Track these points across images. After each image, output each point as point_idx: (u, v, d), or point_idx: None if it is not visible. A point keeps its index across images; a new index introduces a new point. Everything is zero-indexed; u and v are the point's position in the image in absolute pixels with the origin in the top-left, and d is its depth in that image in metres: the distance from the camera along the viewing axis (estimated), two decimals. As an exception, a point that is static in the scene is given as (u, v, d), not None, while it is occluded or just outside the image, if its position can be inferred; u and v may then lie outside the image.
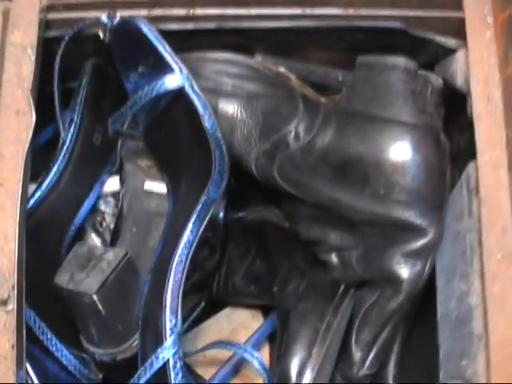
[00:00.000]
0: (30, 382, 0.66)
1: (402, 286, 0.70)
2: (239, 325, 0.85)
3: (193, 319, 0.79)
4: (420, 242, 0.69)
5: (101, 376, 0.75)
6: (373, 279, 0.72)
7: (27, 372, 0.66)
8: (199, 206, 0.70)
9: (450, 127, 0.74)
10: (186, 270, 0.68)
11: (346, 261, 0.74)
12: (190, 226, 0.69)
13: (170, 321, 0.67)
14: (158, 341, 0.67)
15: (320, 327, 0.70)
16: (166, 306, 0.67)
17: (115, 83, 0.79)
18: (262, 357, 0.71)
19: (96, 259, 0.70)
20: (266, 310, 0.85)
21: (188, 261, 0.69)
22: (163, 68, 0.69)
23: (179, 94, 0.70)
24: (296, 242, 0.78)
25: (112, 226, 0.83)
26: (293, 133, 0.72)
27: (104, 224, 0.84)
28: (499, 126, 0.70)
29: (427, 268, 0.70)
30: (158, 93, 0.70)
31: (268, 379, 0.70)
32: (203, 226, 0.70)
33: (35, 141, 0.67)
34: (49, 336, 0.70)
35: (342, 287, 0.74)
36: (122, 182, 0.82)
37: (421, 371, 0.74)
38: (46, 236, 0.75)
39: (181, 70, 0.69)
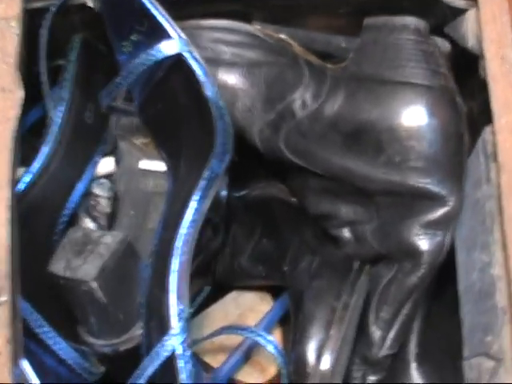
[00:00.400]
0: (27, 378, 0.62)
1: (422, 259, 0.67)
2: (247, 308, 0.81)
3: (197, 305, 0.77)
4: (440, 212, 0.66)
5: (103, 369, 0.72)
6: (390, 253, 0.69)
7: (24, 368, 0.62)
8: (202, 182, 0.66)
9: (461, 92, 0.71)
10: (192, 251, 0.65)
11: (359, 235, 0.71)
12: (192, 203, 0.66)
13: (176, 306, 0.63)
14: (164, 328, 0.63)
15: (337, 306, 0.67)
16: (170, 290, 0.63)
17: (106, 60, 0.76)
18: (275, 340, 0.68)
19: (93, 243, 0.67)
20: (275, 292, 0.82)
21: (194, 241, 0.65)
22: (159, 34, 0.65)
23: (177, 61, 0.65)
24: (305, 217, 0.75)
25: (107, 210, 0.80)
26: (299, 101, 0.69)
27: (99, 208, 0.80)
28: None
29: (448, 239, 0.67)
30: (154, 60, 0.66)
31: (284, 365, 0.67)
32: (207, 204, 0.67)
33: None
34: (46, 329, 0.67)
35: (357, 263, 0.71)
36: (116, 162, 0.78)
37: (443, 349, 0.72)
38: (37, 222, 0.72)
39: (179, 35, 0.65)
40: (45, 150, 0.72)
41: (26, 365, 0.62)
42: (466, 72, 0.71)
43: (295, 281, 0.71)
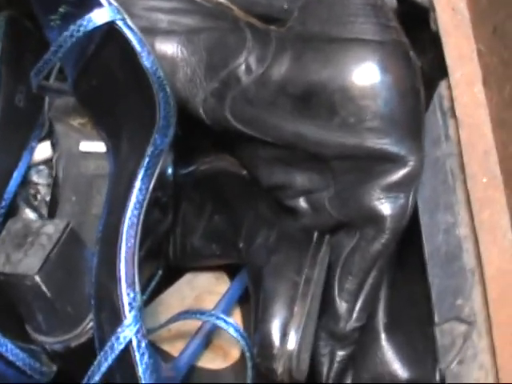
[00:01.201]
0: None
1: (386, 224, 0.64)
2: (203, 290, 0.78)
3: (151, 290, 0.73)
4: (400, 173, 0.64)
5: (55, 368, 0.68)
6: (350, 221, 0.66)
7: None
8: (146, 160, 0.63)
9: (412, 48, 0.68)
10: (139, 234, 0.62)
11: (316, 204, 0.68)
12: (137, 183, 0.63)
13: (128, 294, 0.60)
14: (117, 319, 0.60)
15: (299, 281, 0.64)
16: (120, 279, 0.60)
17: (35, 38, 0.74)
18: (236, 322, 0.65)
19: (33, 235, 0.64)
20: (231, 271, 0.78)
21: (140, 223, 0.62)
22: (88, 3, 0.62)
23: (110, 31, 0.62)
24: (258, 190, 0.72)
25: (48, 198, 0.77)
26: (243, 66, 0.66)
27: (38, 196, 0.78)
28: (468, 39, 0.67)
29: (411, 200, 0.65)
30: (84, 31, 0.62)
31: (247, 347, 0.65)
32: (153, 182, 0.63)
33: None
34: None
35: (316, 234, 0.68)
36: (53, 146, 0.75)
37: (412, 316, 0.70)
38: (-28, 216, 0.69)
39: (109, 3, 0.62)
40: (-26, 139, 0.69)
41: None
42: (415, 26, 0.68)
43: (252, 257, 0.68)
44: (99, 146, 0.72)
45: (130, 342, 0.59)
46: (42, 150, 0.77)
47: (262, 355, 0.62)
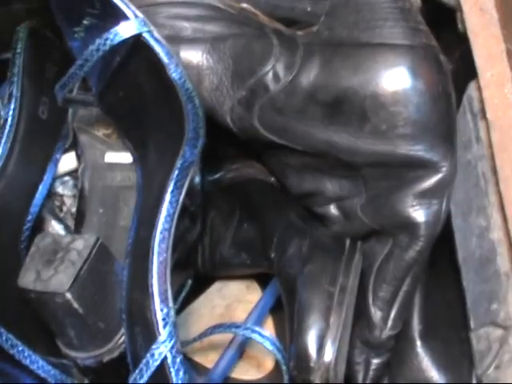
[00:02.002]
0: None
1: (420, 231, 0.63)
2: (234, 299, 0.77)
3: (181, 301, 0.73)
4: (434, 179, 0.63)
5: (87, 382, 0.68)
6: (383, 228, 0.65)
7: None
8: (176, 172, 0.62)
9: None
10: (170, 248, 0.61)
11: (348, 211, 0.67)
12: (167, 196, 0.62)
13: (161, 310, 0.59)
14: (150, 334, 0.59)
15: (334, 291, 0.63)
16: (153, 294, 0.59)
17: (56, 47, 0.73)
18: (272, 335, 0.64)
19: (63, 250, 0.62)
20: (261, 279, 0.77)
21: (171, 236, 0.61)
22: (113, 15, 0.61)
23: (136, 43, 0.61)
24: (287, 197, 0.71)
25: (74, 210, 0.77)
26: (271, 73, 0.65)
27: (64, 208, 0.78)
28: (497, 39, 0.65)
29: (445, 207, 0.63)
30: (111, 44, 0.61)
31: (284, 361, 0.64)
32: (183, 194, 0.62)
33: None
34: (20, 348, 0.63)
35: (348, 242, 0.67)
36: (78, 157, 0.75)
37: (447, 322, 0.70)
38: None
39: (135, 15, 0.61)
40: (-1, 152, 0.68)
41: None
42: (440, 26, 0.67)
43: (285, 267, 0.68)
44: (125, 157, 0.72)
45: (165, 358, 0.58)
46: (67, 162, 0.76)
47: (299, 368, 0.62)
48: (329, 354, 0.61)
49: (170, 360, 0.58)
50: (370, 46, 0.62)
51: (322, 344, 0.61)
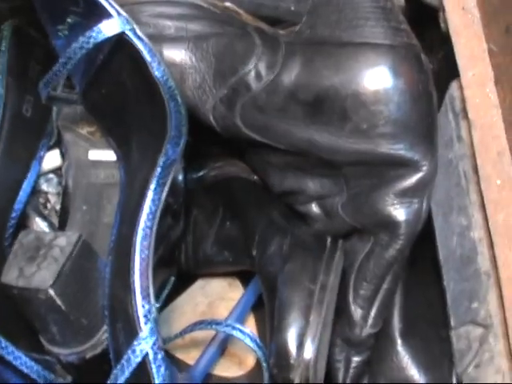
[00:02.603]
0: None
1: (400, 229, 0.64)
2: (216, 297, 0.77)
3: (164, 298, 0.72)
4: (414, 178, 0.63)
5: (69, 379, 0.67)
6: (364, 226, 0.66)
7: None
8: (158, 170, 0.62)
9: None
10: (152, 245, 0.61)
11: (329, 210, 0.67)
12: (150, 194, 0.62)
13: (143, 306, 0.59)
14: (132, 331, 0.59)
15: (314, 289, 0.63)
16: (135, 290, 0.59)
17: (40, 46, 0.73)
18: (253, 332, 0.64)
19: (46, 247, 0.63)
20: (243, 277, 0.77)
21: (154, 234, 0.61)
22: (97, 13, 0.61)
23: (119, 41, 0.61)
24: (269, 195, 0.72)
25: (58, 207, 0.77)
26: (253, 72, 0.65)
27: (48, 205, 0.78)
28: (479, 38, 0.66)
29: (425, 206, 0.64)
30: (95, 42, 0.61)
31: (264, 358, 0.64)
32: (165, 193, 0.62)
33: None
34: (3, 344, 0.63)
35: (329, 240, 0.67)
36: (62, 155, 0.75)
37: (427, 320, 0.70)
38: (-17, 229, 0.68)
39: (118, 13, 0.61)
40: (-17, 151, 0.68)
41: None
42: (422, 26, 0.67)
43: (266, 265, 0.68)
44: (108, 155, 0.72)
45: (147, 354, 0.58)
46: (51, 159, 0.76)
47: (279, 366, 0.62)
48: (308, 352, 0.61)
49: (151, 356, 0.58)
50: (351, 46, 0.62)
51: (302, 342, 0.61)
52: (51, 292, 0.60)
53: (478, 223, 0.65)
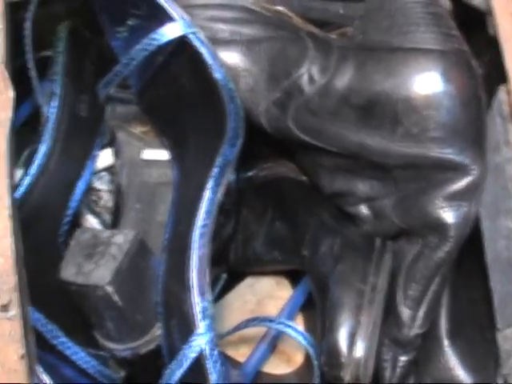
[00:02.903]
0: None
1: (449, 232, 0.64)
2: (265, 295, 0.78)
3: (215, 295, 0.74)
4: (463, 182, 0.63)
5: (123, 373, 0.69)
6: (412, 228, 0.66)
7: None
8: (215, 170, 0.63)
9: None
10: (209, 243, 0.62)
11: (378, 211, 0.68)
12: (207, 193, 0.63)
13: (200, 303, 0.60)
14: (188, 327, 0.60)
15: (365, 289, 0.64)
16: (192, 288, 0.60)
17: (94, 47, 0.74)
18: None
19: (103, 245, 0.63)
20: (291, 276, 0.79)
21: (210, 232, 0.62)
22: (159, 17, 0.62)
23: (180, 44, 0.62)
24: (319, 196, 0.72)
25: (109, 204, 0.77)
26: (306, 76, 0.66)
27: (101, 203, 0.78)
28: None
29: (474, 209, 0.64)
30: (158, 44, 0.62)
31: (315, 356, 0.65)
32: (222, 192, 0.64)
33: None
34: (62, 339, 0.64)
35: (378, 241, 0.68)
36: (116, 154, 0.75)
37: (474, 322, 0.70)
38: (40, 227, 0.69)
39: (181, 17, 0.62)
40: (42, 149, 0.69)
41: (45, 379, 0.58)
42: (470, 29, 0.67)
43: (317, 265, 0.69)
44: (161, 154, 0.72)
45: (203, 350, 0.59)
46: (104, 158, 0.76)
47: (330, 364, 0.63)
48: (359, 351, 0.62)
49: (207, 352, 0.59)
50: (402, 51, 0.63)
51: (353, 341, 0.62)
52: (109, 289, 0.61)
53: (525, 226, 0.64)
